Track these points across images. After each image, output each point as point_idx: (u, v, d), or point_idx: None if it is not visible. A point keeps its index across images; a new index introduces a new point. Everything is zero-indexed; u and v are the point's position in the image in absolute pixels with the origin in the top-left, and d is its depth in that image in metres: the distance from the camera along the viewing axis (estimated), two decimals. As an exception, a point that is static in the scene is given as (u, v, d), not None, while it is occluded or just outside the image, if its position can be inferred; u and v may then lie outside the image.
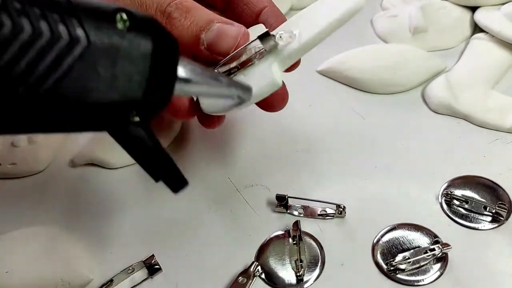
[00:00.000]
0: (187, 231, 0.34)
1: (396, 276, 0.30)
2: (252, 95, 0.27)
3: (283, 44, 0.27)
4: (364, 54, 0.46)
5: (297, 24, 0.28)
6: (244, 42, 0.29)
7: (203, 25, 0.29)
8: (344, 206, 0.33)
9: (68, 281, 0.31)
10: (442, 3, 0.50)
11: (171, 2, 0.29)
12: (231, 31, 0.29)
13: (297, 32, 0.28)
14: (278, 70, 0.28)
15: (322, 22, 0.26)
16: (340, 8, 0.26)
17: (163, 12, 0.29)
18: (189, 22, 0.29)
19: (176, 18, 0.29)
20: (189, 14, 0.29)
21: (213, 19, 0.29)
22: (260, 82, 0.28)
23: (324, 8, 0.28)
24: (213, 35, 0.29)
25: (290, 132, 0.41)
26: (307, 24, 0.28)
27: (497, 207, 0.32)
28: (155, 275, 0.32)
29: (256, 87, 0.27)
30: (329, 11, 0.27)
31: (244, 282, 0.30)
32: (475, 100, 0.40)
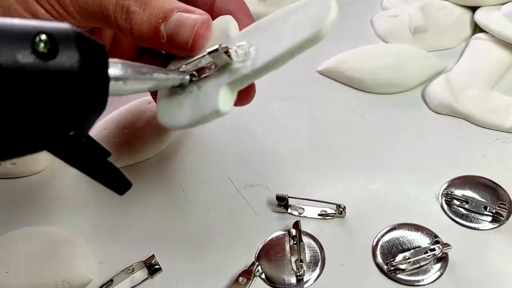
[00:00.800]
0: (187, 231, 0.34)
1: (396, 276, 0.30)
2: (191, 118, 0.25)
3: (237, 61, 0.25)
4: (364, 54, 0.46)
5: (257, 36, 0.26)
6: (204, 32, 0.27)
7: (161, 16, 0.27)
8: (344, 206, 0.33)
9: (68, 281, 0.31)
10: (442, 3, 0.50)
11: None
12: (189, 19, 0.27)
13: (254, 49, 0.25)
14: (226, 95, 0.25)
15: (280, 46, 0.24)
16: (303, 33, 0.23)
17: (122, 6, 0.27)
18: (148, 15, 0.27)
19: (135, 11, 0.27)
20: (147, 5, 0.27)
21: (173, 8, 0.27)
22: (204, 105, 0.25)
23: (287, 27, 0.24)
24: (172, 26, 0.27)
25: (290, 132, 0.41)
26: (266, 42, 0.25)
27: (497, 207, 0.32)
28: (155, 275, 0.32)
29: (199, 110, 0.25)
30: (292, 33, 0.24)
31: (244, 282, 0.30)
32: (475, 100, 0.40)
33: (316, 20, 0.23)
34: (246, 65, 0.25)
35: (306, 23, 0.23)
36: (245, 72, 0.24)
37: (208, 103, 0.25)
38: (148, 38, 0.27)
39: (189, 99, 0.26)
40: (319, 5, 0.23)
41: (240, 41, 0.26)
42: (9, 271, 0.31)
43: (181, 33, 0.26)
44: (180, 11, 0.27)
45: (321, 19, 0.23)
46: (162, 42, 0.27)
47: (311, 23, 0.23)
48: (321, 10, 0.23)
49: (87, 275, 0.32)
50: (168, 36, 0.27)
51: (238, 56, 0.25)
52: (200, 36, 0.27)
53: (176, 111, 0.27)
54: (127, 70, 0.22)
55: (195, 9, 0.27)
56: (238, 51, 0.25)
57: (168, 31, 0.27)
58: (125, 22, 0.27)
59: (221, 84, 0.25)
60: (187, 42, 0.27)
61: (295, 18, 0.24)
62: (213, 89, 0.25)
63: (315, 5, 0.24)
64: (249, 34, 0.26)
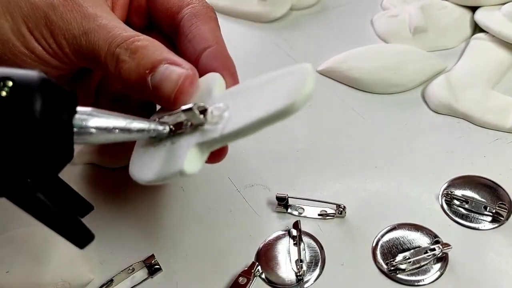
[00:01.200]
0: (187, 231, 0.34)
1: (397, 276, 0.30)
2: (157, 175, 0.25)
3: (210, 122, 0.24)
4: (365, 54, 0.46)
5: (235, 100, 0.25)
6: (187, 88, 0.26)
7: (149, 67, 0.26)
8: (344, 206, 0.33)
9: (68, 281, 0.31)
10: (442, 3, 0.50)
11: (122, 43, 0.27)
12: (174, 73, 0.26)
13: (228, 113, 0.24)
14: (194, 156, 0.24)
15: (251, 116, 0.23)
16: (276, 105, 0.22)
17: (112, 54, 0.27)
18: (136, 64, 0.26)
19: (124, 60, 0.26)
20: (136, 55, 0.26)
21: (162, 59, 0.26)
22: (171, 163, 0.25)
23: (263, 95, 0.24)
24: (158, 78, 0.26)
25: (290, 132, 0.41)
26: (240, 107, 0.24)
27: (497, 207, 0.32)
28: (155, 275, 0.32)
29: (166, 168, 0.25)
30: (265, 102, 0.23)
31: (244, 282, 0.30)
32: (476, 100, 0.40)
33: (291, 93, 0.22)
34: (217, 128, 0.24)
35: (281, 95, 0.22)
36: (215, 135, 0.24)
37: (175, 162, 0.24)
38: (135, 87, 0.27)
39: (161, 154, 0.25)
40: (298, 76, 0.23)
41: (219, 101, 0.25)
42: (9, 271, 0.31)
43: (165, 86, 0.26)
44: (168, 63, 0.26)
45: (296, 92, 0.22)
46: (148, 92, 0.26)
47: (285, 95, 0.22)
48: (298, 82, 0.22)
49: (87, 275, 0.32)
50: (153, 87, 0.26)
51: (212, 117, 0.24)
52: (181, 92, 0.26)
53: (146, 163, 0.26)
54: (97, 119, 0.22)
55: (183, 62, 0.27)
56: (214, 112, 0.25)
57: (154, 82, 0.26)
58: (115, 69, 0.27)
59: (191, 144, 0.24)
60: (170, 96, 0.26)
61: (272, 87, 0.23)
62: (183, 147, 0.25)
63: (294, 75, 0.23)
64: (230, 96, 0.26)
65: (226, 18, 0.56)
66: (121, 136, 0.24)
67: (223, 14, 0.57)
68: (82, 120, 0.22)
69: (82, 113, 0.22)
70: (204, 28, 0.30)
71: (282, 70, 0.24)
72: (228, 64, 0.29)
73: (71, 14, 0.27)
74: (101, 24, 0.27)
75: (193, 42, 0.30)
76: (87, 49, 0.27)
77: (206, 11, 0.31)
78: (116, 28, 0.27)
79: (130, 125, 0.24)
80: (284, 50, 0.50)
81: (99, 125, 0.22)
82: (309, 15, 0.55)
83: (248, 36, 0.53)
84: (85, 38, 0.27)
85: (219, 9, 0.57)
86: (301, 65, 0.23)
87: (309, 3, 0.55)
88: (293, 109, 0.22)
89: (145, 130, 0.24)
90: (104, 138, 0.23)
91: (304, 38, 0.51)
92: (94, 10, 0.27)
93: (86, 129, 0.22)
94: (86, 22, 0.27)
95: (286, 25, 0.54)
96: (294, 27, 0.53)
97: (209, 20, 0.31)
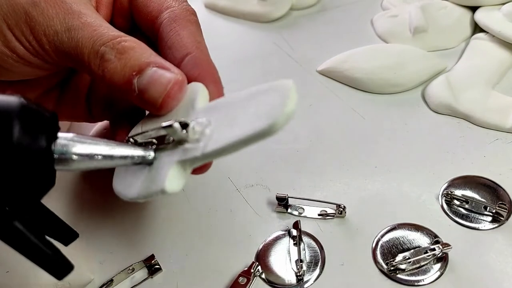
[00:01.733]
0: (187, 231, 0.34)
1: (396, 276, 0.30)
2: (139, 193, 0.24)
3: (192, 139, 0.24)
4: (365, 54, 0.46)
5: (217, 116, 0.24)
6: (176, 94, 0.25)
7: (136, 69, 0.25)
8: (344, 206, 0.33)
9: (68, 281, 0.31)
10: (442, 3, 0.50)
11: (108, 42, 0.26)
12: (163, 77, 0.25)
13: (210, 129, 0.24)
14: (176, 174, 0.24)
15: (232, 135, 0.22)
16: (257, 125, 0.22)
17: (97, 53, 0.26)
18: (122, 65, 0.25)
19: (109, 60, 0.25)
20: (123, 55, 0.25)
21: (150, 62, 0.25)
22: (152, 181, 0.24)
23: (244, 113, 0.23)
24: (145, 81, 0.25)
25: (290, 132, 0.41)
26: (222, 125, 0.24)
27: (497, 207, 0.32)
28: (155, 275, 0.32)
29: (148, 185, 0.24)
30: (247, 122, 0.22)
31: (244, 282, 0.30)
32: (476, 100, 0.40)
33: (271, 112, 0.21)
34: (198, 146, 0.23)
35: (262, 114, 0.22)
36: (196, 154, 0.23)
37: (157, 180, 0.24)
38: (120, 89, 0.26)
39: (144, 170, 0.25)
40: (279, 94, 0.22)
41: (202, 116, 0.25)
42: (9, 271, 0.31)
43: (152, 90, 0.25)
44: (156, 67, 0.25)
45: (276, 112, 0.21)
46: (134, 95, 0.26)
47: (266, 115, 0.22)
48: (279, 101, 0.22)
49: (87, 275, 0.32)
50: (139, 90, 0.25)
51: (194, 133, 0.24)
52: (170, 97, 0.25)
53: (129, 179, 0.26)
54: (79, 146, 0.22)
55: (171, 66, 0.26)
56: (195, 127, 0.24)
57: (140, 85, 0.25)
58: (98, 68, 0.26)
59: (172, 161, 0.24)
60: (157, 101, 0.25)
61: (254, 104, 0.23)
62: (165, 165, 0.24)
63: (275, 93, 0.22)
64: (212, 111, 0.25)
65: (226, 18, 0.56)
66: (103, 163, 0.23)
67: (223, 14, 0.57)
68: (63, 146, 0.21)
69: (63, 139, 0.21)
70: (183, 34, 0.28)
71: (264, 86, 0.23)
72: (210, 70, 0.28)
73: (53, 10, 0.26)
74: (86, 22, 0.26)
75: (172, 49, 0.28)
76: (69, 47, 0.26)
77: (185, 15, 0.30)
78: (102, 27, 0.26)
79: (113, 152, 0.23)
80: (284, 50, 0.50)
81: (81, 151, 0.22)
82: (309, 15, 0.55)
83: (248, 36, 0.53)
84: (67, 34, 0.26)
85: (219, 9, 0.57)
86: (283, 82, 0.23)
87: (309, 3, 0.56)
88: (274, 129, 0.21)
89: (128, 157, 0.24)
90: (86, 165, 0.22)
91: (304, 38, 0.51)
92: (78, 7, 0.27)
93: (68, 155, 0.21)
94: (69, 19, 0.26)
95: (286, 25, 0.54)
96: (294, 27, 0.53)
97: (188, 24, 0.29)
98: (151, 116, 0.28)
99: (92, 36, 0.26)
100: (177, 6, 0.30)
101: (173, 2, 0.30)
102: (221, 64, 0.49)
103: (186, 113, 0.25)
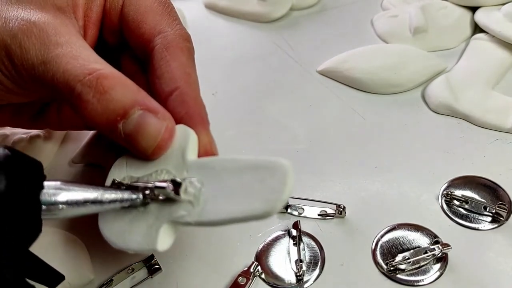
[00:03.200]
0: (187, 231, 0.34)
1: (396, 276, 0.30)
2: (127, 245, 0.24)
3: (184, 200, 0.23)
4: (365, 54, 0.46)
5: (210, 180, 0.23)
6: (167, 141, 0.24)
7: (120, 113, 0.23)
8: (344, 206, 0.33)
9: (68, 281, 0.31)
10: (442, 3, 0.50)
11: (85, 78, 0.23)
12: (152, 127, 0.24)
13: (203, 195, 0.23)
14: (167, 233, 0.24)
15: (228, 211, 0.22)
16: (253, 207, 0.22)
17: (72, 91, 0.23)
18: (104, 108, 0.23)
19: (88, 101, 0.23)
20: (103, 96, 0.23)
21: (134, 103, 0.23)
22: (143, 238, 0.24)
23: (240, 187, 0.23)
24: (132, 127, 0.24)
25: (290, 132, 0.41)
26: (216, 194, 0.23)
27: (497, 207, 0.32)
28: (155, 275, 0.32)
29: (137, 240, 0.24)
30: (242, 199, 0.22)
31: (244, 282, 0.30)
32: (476, 101, 0.40)
33: (270, 197, 0.22)
34: (191, 211, 0.23)
35: (259, 197, 0.22)
36: (189, 220, 0.23)
37: (148, 239, 0.24)
38: (104, 131, 0.24)
39: (133, 220, 0.24)
40: (278, 178, 0.22)
41: (194, 173, 0.24)
42: (9, 271, 0.31)
43: (141, 139, 0.24)
44: (143, 109, 0.24)
45: (274, 199, 0.21)
46: (120, 137, 0.24)
47: (264, 199, 0.22)
48: (278, 186, 0.22)
49: (87, 275, 0.32)
50: (126, 135, 0.24)
51: (186, 195, 0.23)
52: (161, 148, 0.24)
53: (118, 224, 0.25)
54: (67, 193, 0.21)
55: (158, 108, 0.24)
56: (188, 188, 0.23)
57: (126, 130, 0.24)
58: (77, 108, 0.24)
59: (163, 219, 0.23)
60: (147, 151, 0.24)
61: (251, 180, 0.22)
62: (156, 221, 0.24)
63: (273, 176, 0.22)
64: (205, 171, 0.24)
65: (226, 18, 0.56)
66: (92, 209, 0.23)
67: (223, 14, 0.57)
68: (50, 195, 0.21)
69: (50, 187, 0.21)
70: (174, 65, 0.27)
71: (260, 161, 0.23)
72: (197, 109, 0.26)
73: (29, 41, 0.24)
74: (61, 53, 0.24)
75: (161, 81, 0.27)
76: (45, 81, 0.24)
77: (178, 42, 0.28)
78: (79, 59, 0.24)
79: (102, 197, 0.23)
80: (284, 50, 0.50)
81: (68, 199, 0.21)
82: (309, 15, 0.55)
83: (248, 36, 0.53)
84: (43, 68, 0.24)
85: (219, 9, 0.57)
86: (281, 163, 0.22)
87: (309, 3, 0.55)
88: (270, 214, 0.21)
89: (117, 201, 0.23)
90: (75, 211, 0.22)
91: (304, 38, 0.51)
92: (56, 36, 0.25)
93: (55, 205, 0.21)
94: (45, 50, 0.24)
95: (286, 25, 0.54)
96: (294, 27, 0.53)
97: (179, 53, 0.27)
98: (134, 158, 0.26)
99: (66, 70, 0.24)
100: (170, 32, 0.28)
101: (167, 26, 0.28)
102: (221, 64, 0.50)
103: (176, 163, 0.25)
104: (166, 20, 0.29)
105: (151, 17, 0.28)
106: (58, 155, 0.41)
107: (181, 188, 0.23)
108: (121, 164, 0.27)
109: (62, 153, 0.41)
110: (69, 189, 0.22)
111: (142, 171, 0.25)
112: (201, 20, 0.56)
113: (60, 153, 0.41)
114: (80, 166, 0.40)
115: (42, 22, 0.25)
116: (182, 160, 0.25)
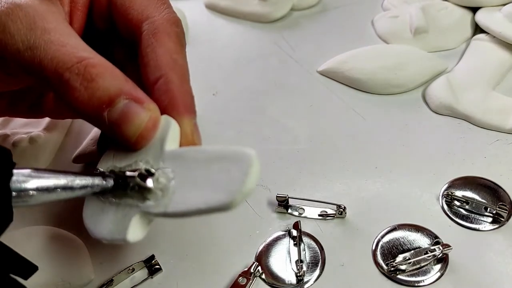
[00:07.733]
0: (187, 231, 0.34)
1: (397, 277, 0.30)
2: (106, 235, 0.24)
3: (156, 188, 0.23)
4: (365, 54, 0.46)
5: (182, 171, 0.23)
6: (151, 131, 0.24)
7: (106, 101, 0.23)
8: (344, 206, 0.33)
9: (68, 281, 0.31)
10: (443, 4, 0.50)
11: (73, 66, 0.23)
12: (136, 116, 0.24)
13: (173, 186, 0.23)
14: (139, 224, 0.24)
15: (192, 202, 0.22)
16: (216, 198, 0.22)
17: (60, 78, 0.23)
18: (90, 95, 0.23)
19: (75, 88, 0.23)
20: (90, 83, 0.23)
21: (120, 92, 0.24)
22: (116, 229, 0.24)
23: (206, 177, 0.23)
24: (116, 116, 0.24)
25: (290, 132, 0.41)
26: (184, 185, 0.23)
27: (497, 208, 0.32)
28: (155, 275, 0.32)
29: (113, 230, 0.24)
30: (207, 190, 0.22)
31: (244, 282, 0.30)
32: (476, 101, 0.40)
33: (231, 188, 0.21)
34: (161, 201, 0.23)
35: (221, 186, 0.22)
36: (157, 211, 0.23)
37: (120, 229, 0.24)
38: (89, 119, 0.25)
39: (108, 212, 0.25)
40: (241, 168, 0.22)
41: (168, 163, 0.24)
42: (9, 271, 0.31)
43: (125, 127, 0.24)
44: (128, 98, 0.24)
45: (235, 189, 0.21)
46: (104, 125, 0.24)
47: (225, 190, 0.22)
48: (240, 177, 0.21)
49: (87, 275, 0.32)
50: (110, 123, 0.24)
51: (158, 184, 0.23)
52: (144, 137, 0.24)
53: (98, 214, 0.25)
54: (37, 180, 0.21)
55: (144, 98, 0.24)
56: (160, 178, 0.23)
57: (111, 118, 0.24)
58: (63, 94, 0.24)
59: (135, 210, 0.24)
60: (131, 139, 0.24)
61: (216, 170, 0.22)
62: (128, 212, 0.24)
63: (238, 165, 0.22)
64: (179, 161, 0.24)
65: (226, 18, 0.56)
66: (64, 195, 0.23)
67: (223, 14, 0.57)
68: (20, 182, 0.21)
69: (19, 175, 0.21)
70: (159, 52, 0.26)
71: (227, 151, 0.23)
72: (180, 98, 0.26)
73: (14, 26, 0.24)
74: (49, 39, 0.24)
75: (147, 69, 0.26)
76: (31, 67, 0.24)
77: (166, 27, 0.27)
78: (68, 46, 0.24)
79: (73, 183, 0.23)
80: (285, 51, 0.50)
81: (39, 185, 0.21)
82: (310, 15, 0.55)
83: (248, 36, 0.53)
84: (29, 53, 0.23)
85: (220, 9, 0.57)
86: (244, 153, 0.22)
87: (309, 4, 0.55)
88: (231, 206, 0.21)
89: (88, 187, 0.23)
90: (46, 198, 0.22)
91: (305, 38, 0.51)
92: (43, 21, 0.24)
93: (26, 191, 0.21)
94: (32, 36, 0.24)
95: (286, 25, 0.54)
96: (295, 27, 0.53)
97: (166, 39, 0.27)
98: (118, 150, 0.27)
99: (55, 58, 0.23)
100: (158, 16, 0.27)
101: (155, 10, 0.28)
102: (221, 64, 0.50)
103: (155, 153, 0.25)
104: (154, 4, 0.28)
105: (139, 2, 0.28)
106: (59, 155, 0.41)
107: (153, 178, 0.23)
108: (109, 155, 0.27)
109: (63, 153, 0.41)
110: (40, 176, 0.22)
111: (125, 161, 0.26)
112: (202, 21, 0.56)
113: (61, 153, 0.41)
114: (80, 166, 0.40)
115: (28, 6, 0.24)
116: (160, 151, 0.25)
